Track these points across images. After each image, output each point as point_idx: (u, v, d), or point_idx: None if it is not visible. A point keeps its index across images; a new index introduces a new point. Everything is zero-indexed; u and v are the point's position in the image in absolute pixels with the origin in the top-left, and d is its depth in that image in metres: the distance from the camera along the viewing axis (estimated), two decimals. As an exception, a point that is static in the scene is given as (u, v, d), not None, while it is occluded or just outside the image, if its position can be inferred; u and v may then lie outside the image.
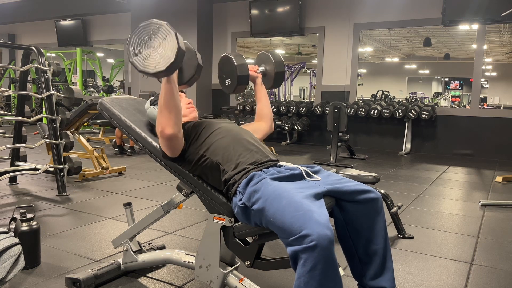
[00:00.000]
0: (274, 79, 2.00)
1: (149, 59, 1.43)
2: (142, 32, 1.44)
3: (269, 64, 2.01)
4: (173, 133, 1.53)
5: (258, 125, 1.99)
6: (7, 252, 1.54)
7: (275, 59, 1.99)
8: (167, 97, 1.50)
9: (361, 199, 1.48)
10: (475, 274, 2.16)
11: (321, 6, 7.50)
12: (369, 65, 13.82)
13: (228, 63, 1.87)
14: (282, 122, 7.36)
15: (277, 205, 1.33)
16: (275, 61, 1.99)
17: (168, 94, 1.50)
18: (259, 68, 2.01)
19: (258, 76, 1.99)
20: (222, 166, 1.58)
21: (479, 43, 6.53)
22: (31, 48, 3.57)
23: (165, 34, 1.40)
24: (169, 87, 1.50)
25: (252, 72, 1.94)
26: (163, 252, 1.96)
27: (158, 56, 1.41)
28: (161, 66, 1.40)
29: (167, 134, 1.53)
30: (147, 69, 1.43)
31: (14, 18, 10.98)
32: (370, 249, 1.50)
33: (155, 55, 1.41)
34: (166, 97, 1.50)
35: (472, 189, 4.28)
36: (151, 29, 1.42)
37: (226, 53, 1.90)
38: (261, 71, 2.01)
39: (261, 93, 1.99)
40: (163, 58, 1.40)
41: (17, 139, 3.75)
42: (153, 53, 1.42)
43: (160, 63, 1.40)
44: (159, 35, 1.41)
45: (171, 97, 1.50)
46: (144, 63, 1.43)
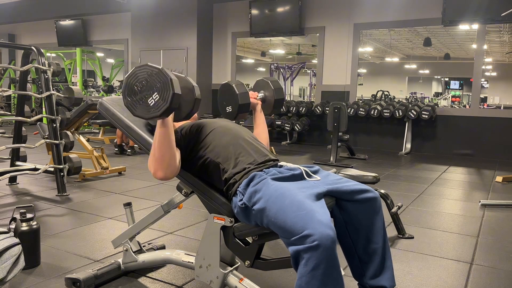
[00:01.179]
0: (274, 106, 2.02)
1: (143, 103, 1.42)
2: (137, 75, 1.43)
3: (268, 91, 2.02)
4: (165, 177, 1.53)
5: None
6: (7, 252, 1.54)
7: (275, 86, 2.01)
8: (161, 140, 1.49)
9: (360, 199, 1.49)
10: (475, 274, 2.16)
11: (321, 6, 7.50)
12: (369, 65, 13.82)
13: (229, 91, 1.88)
14: (282, 122, 7.36)
15: (279, 205, 1.33)
16: (274, 88, 2.00)
17: (162, 138, 1.49)
18: (258, 95, 2.03)
19: (258, 103, 2.00)
20: (222, 165, 1.58)
21: (479, 43, 6.53)
22: (31, 48, 3.57)
23: (160, 79, 1.40)
24: (164, 131, 1.48)
25: (252, 99, 1.95)
26: (163, 252, 1.96)
27: (153, 101, 1.40)
28: (156, 111, 1.40)
29: (160, 178, 1.54)
30: (142, 114, 1.44)
31: (14, 18, 10.98)
32: (369, 248, 1.51)
33: (150, 100, 1.41)
34: (160, 141, 1.49)
35: (472, 189, 4.28)
36: (146, 73, 1.42)
37: (227, 81, 1.91)
38: (260, 98, 2.03)
39: (260, 119, 2.00)
40: (158, 103, 1.40)
41: (17, 139, 3.75)
42: (147, 97, 1.41)
43: (155, 109, 1.40)
44: (154, 80, 1.40)
45: (164, 141, 1.49)
46: (138, 107, 1.44)
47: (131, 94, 1.45)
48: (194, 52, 8.23)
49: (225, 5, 8.42)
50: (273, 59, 12.99)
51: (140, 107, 1.43)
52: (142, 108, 1.43)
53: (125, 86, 1.45)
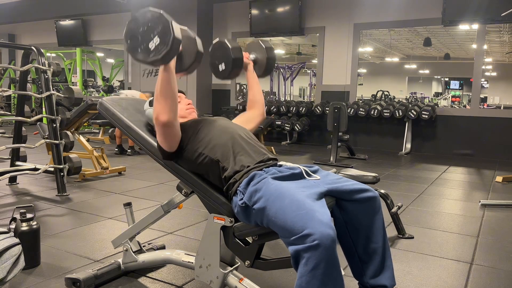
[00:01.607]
0: (266, 66, 2.00)
1: (145, 48, 1.43)
2: (138, 20, 1.44)
3: (260, 52, 2.01)
4: (168, 120, 1.53)
5: (251, 113, 2.00)
6: (7, 252, 1.54)
7: (266, 46, 1.99)
8: (163, 85, 1.51)
9: (360, 198, 1.49)
10: (475, 274, 2.16)
11: (321, 6, 7.49)
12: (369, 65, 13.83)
13: (221, 48, 1.86)
14: (282, 122, 7.36)
15: (279, 204, 1.33)
16: (265, 47, 1.99)
17: (164, 82, 1.51)
18: (250, 56, 2.02)
19: (250, 63, 1.99)
20: (222, 163, 1.58)
21: (479, 43, 6.53)
22: (31, 48, 3.57)
23: (161, 22, 1.40)
24: (166, 75, 1.50)
25: (244, 59, 1.94)
26: (163, 252, 1.96)
27: (154, 45, 1.41)
28: (156, 55, 1.41)
29: (163, 121, 1.53)
30: (143, 58, 1.44)
31: (14, 18, 10.98)
32: (369, 247, 1.51)
33: (151, 44, 1.41)
34: (163, 85, 1.51)
35: (472, 189, 4.28)
36: (147, 18, 1.42)
37: (218, 38, 1.89)
38: (252, 59, 2.01)
39: (253, 80, 2.00)
40: (159, 47, 1.40)
41: (17, 139, 3.75)
42: (148, 41, 1.42)
43: (155, 52, 1.41)
44: (155, 24, 1.40)
45: (167, 85, 1.51)
46: (140, 51, 1.44)
47: (132, 39, 1.45)
48: (194, 52, 8.22)
49: (225, 5, 8.42)
50: (273, 59, 12.99)
51: (141, 51, 1.44)
52: (143, 52, 1.43)
53: (127, 30, 1.45)
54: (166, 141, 1.62)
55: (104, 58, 13.47)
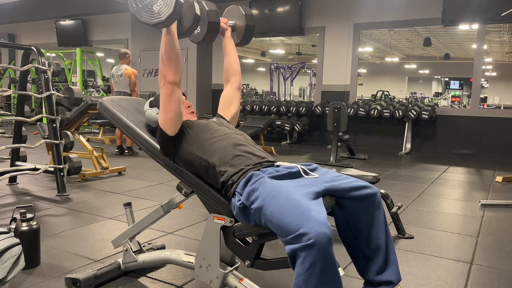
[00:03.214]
0: (244, 34, 1.97)
1: (149, 10, 1.48)
2: None
3: (239, 19, 1.97)
4: (174, 80, 1.60)
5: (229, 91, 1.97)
6: (7, 252, 1.54)
7: (246, 13, 1.96)
8: (167, 47, 1.58)
9: (359, 195, 1.49)
10: (475, 274, 2.16)
11: (321, 6, 7.49)
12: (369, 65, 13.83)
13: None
14: (282, 122, 7.36)
15: (276, 203, 1.33)
16: (245, 14, 1.96)
17: (168, 44, 1.58)
18: (229, 21, 1.99)
19: (228, 29, 1.97)
20: (218, 168, 1.58)
21: (479, 43, 6.53)
22: (31, 48, 3.57)
23: None
24: (169, 38, 1.57)
25: (222, 24, 1.91)
26: (163, 252, 1.96)
27: (158, 8, 1.46)
28: (160, 17, 1.46)
29: (169, 80, 1.60)
30: (147, 20, 1.49)
31: (14, 18, 10.97)
32: (372, 244, 1.51)
33: (155, 7, 1.47)
34: (166, 47, 1.58)
35: (472, 189, 4.28)
36: None
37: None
38: (230, 25, 1.98)
39: (230, 47, 1.98)
40: (162, 9, 1.45)
41: (17, 139, 3.75)
42: (152, 4, 1.47)
43: (159, 14, 1.46)
44: None
45: (171, 47, 1.58)
46: (144, 14, 1.49)
47: (137, 1, 1.50)
48: (194, 52, 8.22)
49: (225, 5, 8.39)
50: (273, 59, 13.00)
51: (145, 13, 1.49)
52: (147, 14, 1.49)
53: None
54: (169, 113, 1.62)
55: (104, 58, 13.47)
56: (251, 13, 1.97)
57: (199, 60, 8.28)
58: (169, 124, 1.64)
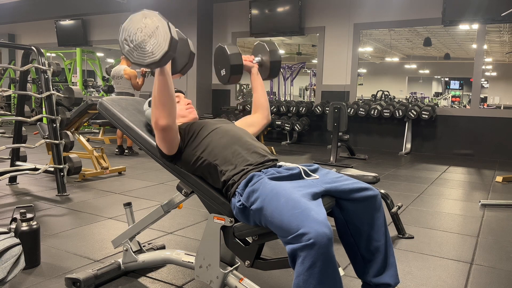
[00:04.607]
0: (270, 69, 2.00)
1: (141, 50, 1.40)
2: (134, 22, 1.41)
3: (264, 54, 2.01)
4: (167, 124, 1.52)
5: (255, 117, 1.99)
6: (7, 253, 1.54)
7: (270, 49, 1.99)
8: (161, 88, 1.49)
9: (360, 197, 1.48)
10: (475, 274, 2.16)
11: (321, 6, 7.50)
12: (369, 65, 13.82)
13: (222, 53, 1.87)
14: (282, 122, 7.36)
15: (275, 204, 1.33)
16: (270, 50, 1.99)
17: (161, 86, 1.49)
18: (255, 58, 2.02)
19: (254, 66, 1.99)
20: (220, 167, 1.58)
21: (479, 43, 6.53)
22: (31, 48, 3.57)
23: (157, 24, 1.38)
24: (163, 79, 1.48)
25: (248, 62, 1.94)
26: (163, 252, 1.96)
27: (151, 47, 1.38)
28: (154, 57, 1.38)
29: (161, 125, 1.52)
30: (140, 60, 1.41)
31: (14, 18, 10.98)
32: (371, 246, 1.51)
33: (148, 46, 1.39)
34: (160, 88, 1.49)
35: (472, 189, 4.28)
36: (143, 19, 1.40)
37: (220, 43, 1.90)
38: (257, 61, 2.01)
39: (257, 82, 1.99)
40: (156, 48, 1.37)
41: (17, 139, 3.75)
42: (145, 44, 1.39)
43: (153, 54, 1.38)
44: (151, 25, 1.38)
45: (164, 88, 1.49)
46: (137, 54, 1.41)
47: (128, 41, 1.42)
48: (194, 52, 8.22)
49: (225, 5, 8.42)
50: (273, 59, 12.97)
51: (138, 53, 1.41)
52: (139, 55, 1.40)
53: (123, 32, 1.43)
54: (165, 145, 1.62)
55: (104, 58, 13.46)
56: (275, 48, 2.02)
57: (199, 60, 8.28)
58: (166, 150, 1.64)
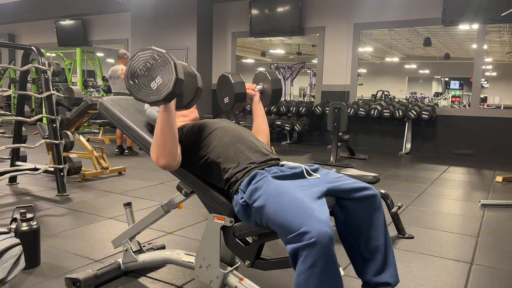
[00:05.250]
0: (272, 97, 2.03)
1: (146, 87, 1.41)
2: (141, 59, 1.42)
3: (266, 82, 2.04)
4: (167, 164, 1.53)
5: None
6: (7, 253, 1.54)
7: (272, 77, 2.02)
8: (164, 126, 1.48)
9: (360, 197, 1.49)
10: (475, 274, 2.16)
11: (321, 6, 7.50)
12: (369, 65, 13.81)
13: (225, 82, 1.90)
14: (282, 122, 7.36)
15: (278, 203, 1.33)
16: (271, 79, 2.02)
17: (164, 123, 1.48)
18: (257, 87, 2.05)
19: (256, 94, 2.02)
20: (223, 164, 1.58)
21: (479, 43, 6.53)
22: (31, 48, 3.57)
23: (164, 63, 1.39)
24: (166, 116, 1.47)
25: (250, 91, 1.98)
26: (163, 252, 1.96)
27: (156, 85, 1.39)
28: (159, 95, 1.39)
29: (161, 165, 1.53)
30: (143, 98, 1.43)
31: (14, 18, 10.98)
32: (371, 245, 1.51)
33: (153, 84, 1.40)
34: (163, 126, 1.48)
35: (472, 189, 4.28)
36: (150, 57, 1.41)
37: (223, 72, 1.93)
38: (259, 89, 2.05)
39: (259, 110, 2.01)
40: (161, 87, 1.38)
41: (17, 139, 3.75)
42: (151, 81, 1.40)
43: (157, 93, 1.39)
44: (157, 64, 1.39)
45: (167, 127, 1.48)
46: (141, 91, 1.42)
47: (134, 77, 1.43)
48: (194, 52, 8.23)
49: (225, 5, 8.42)
50: (273, 59, 12.99)
51: (143, 90, 1.42)
52: (144, 92, 1.42)
53: (129, 69, 1.44)
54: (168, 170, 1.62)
55: (104, 58, 13.45)
56: (277, 77, 2.05)
57: (199, 60, 8.29)
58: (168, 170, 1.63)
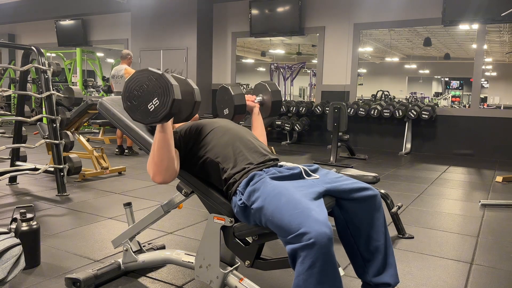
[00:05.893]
0: (272, 108, 2.04)
1: (143, 108, 1.42)
2: (138, 80, 1.43)
3: (266, 94, 2.04)
4: (163, 181, 1.54)
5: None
6: (8, 253, 1.54)
7: (272, 89, 2.02)
8: (161, 145, 1.49)
9: (359, 197, 1.49)
10: (475, 274, 2.16)
11: (321, 6, 7.50)
12: (369, 65, 13.82)
13: (225, 93, 1.91)
14: (282, 122, 7.36)
15: (276, 204, 1.33)
16: (271, 90, 2.02)
17: (161, 142, 1.48)
18: (256, 98, 2.05)
19: (256, 106, 2.02)
20: (222, 164, 1.58)
21: (479, 43, 6.53)
22: (31, 48, 3.57)
23: (161, 84, 1.39)
24: (163, 136, 1.48)
25: (250, 102, 1.98)
26: (163, 252, 1.96)
27: (153, 107, 1.40)
28: (155, 116, 1.40)
29: (158, 182, 1.54)
30: (141, 119, 1.44)
31: (14, 18, 10.98)
32: (371, 246, 1.51)
33: (150, 105, 1.41)
34: (160, 145, 1.49)
35: (472, 189, 4.28)
36: (147, 78, 1.41)
37: (223, 84, 1.93)
38: (258, 101, 2.05)
39: (258, 122, 2.02)
40: (158, 109, 1.39)
41: (17, 139, 3.75)
42: (147, 102, 1.41)
43: (155, 114, 1.40)
44: (154, 85, 1.40)
45: (164, 145, 1.49)
46: (138, 111, 1.43)
47: (131, 99, 1.44)
48: (194, 52, 8.23)
49: (225, 5, 8.42)
50: (273, 59, 12.99)
51: (140, 111, 1.43)
52: (141, 113, 1.43)
53: (125, 90, 1.45)
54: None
55: (104, 58, 13.45)
56: (276, 88, 2.06)
57: (199, 60, 8.29)
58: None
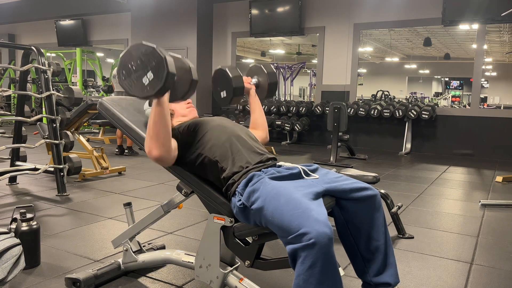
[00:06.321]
0: (268, 90, 2.03)
1: (138, 82, 1.41)
2: (132, 54, 1.42)
3: (261, 76, 2.04)
4: (160, 156, 1.52)
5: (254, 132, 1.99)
6: (7, 253, 1.54)
7: (268, 70, 2.02)
8: (157, 119, 1.48)
9: (359, 197, 1.49)
10: (475, 274, 2.16)
11: (321, 6, 7.50)
12: (369, 65, 13.82)
13: (222, 76, 1.88)
14: (282, 122, 7.36)
15: (276, 204, 1.33)
16: (267, 72, 2.01)
17: (157, 116, 1.47)
18: (252, 80, 2.04)
19: (252, 88, 2.02)
20: (220, 163, 1.58)
21: (479, 43, 6.53)
22: (31, 48, 3.57)
23: (155, 57, 1.38)
24: (159, 110, 1.47)
25: (246, 84, 1.97)
26: (163, 252, 1.96)
27: (147, 80, 1.39)
28: (150, 90, 1.39)
29: (154, 156, 1.52)
30: (135, 93, 1.43)
31: (14, 18, 10.98)
32: (371, 245, 1.51)
33: (144, 79, 1.39)
34: (156, 119, 1.48)
35: (472, 189, 4.28)
36: (141, 52, 1.41)
37: (220, 66, 1.91)
38: (254, 83, 2.04)
39: (255, 104, 2.01)
40: (152, 82, 1.38)
41: (17, 139, 3.75)
42: (142, 76, 1.40)
43: (148, 87, 1.39)
44: (148, 59, 1.39)
45: (160, 119, 1.48)
46: (133, 86, 1.42)
47: (126, 73, 1.43)
48: (194, 52, 8.23)
49: (225, 5, 8.42)
50: (273, 59, 12.99)
51: (135, 86, 1.42)
52: (136, 87, 1.42)
53: (120, 65, 1.44)
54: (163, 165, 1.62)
55: (104, 58, 13.45)
56: (272, 70, 2.04)
57: (199, 60, 8.29)
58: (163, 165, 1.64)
